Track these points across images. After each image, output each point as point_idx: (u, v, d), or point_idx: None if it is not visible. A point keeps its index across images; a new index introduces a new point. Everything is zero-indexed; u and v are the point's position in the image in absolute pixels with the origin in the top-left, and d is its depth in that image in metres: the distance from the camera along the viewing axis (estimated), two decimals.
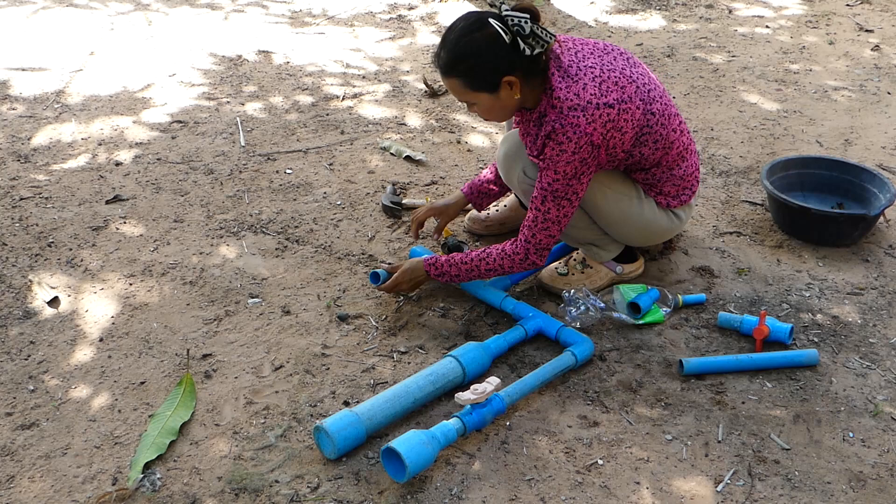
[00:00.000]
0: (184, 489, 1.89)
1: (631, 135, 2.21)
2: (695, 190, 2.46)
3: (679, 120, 2.36)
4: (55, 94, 3.93)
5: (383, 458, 1.88)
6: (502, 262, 2.30)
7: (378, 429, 2.00)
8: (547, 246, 2.28)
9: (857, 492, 1.89)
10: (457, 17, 2.21)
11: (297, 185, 3.16)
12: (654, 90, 2.26)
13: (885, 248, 2.76)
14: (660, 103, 2.26)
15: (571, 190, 2.20)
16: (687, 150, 2.39)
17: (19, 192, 3.11)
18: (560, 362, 2.16)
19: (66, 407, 2.14)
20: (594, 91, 2.14)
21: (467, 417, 1.95)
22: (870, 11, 5.04)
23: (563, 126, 2.12)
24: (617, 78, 2.18)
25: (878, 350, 2.32)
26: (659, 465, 1.96)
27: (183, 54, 4.42)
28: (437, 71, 2.21)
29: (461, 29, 2.15)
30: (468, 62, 2.13)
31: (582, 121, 2.12)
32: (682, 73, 4.17)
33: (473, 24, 2.13)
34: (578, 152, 2.14)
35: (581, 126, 2.11)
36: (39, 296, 2.54)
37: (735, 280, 2.61)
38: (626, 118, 2.17)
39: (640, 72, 2.26)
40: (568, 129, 2.12)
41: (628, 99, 2.17)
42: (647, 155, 2.29)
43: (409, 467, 1.81)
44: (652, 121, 2.23)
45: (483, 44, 2.10)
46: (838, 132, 3.57)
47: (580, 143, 2.13)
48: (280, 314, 2.46)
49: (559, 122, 2.13)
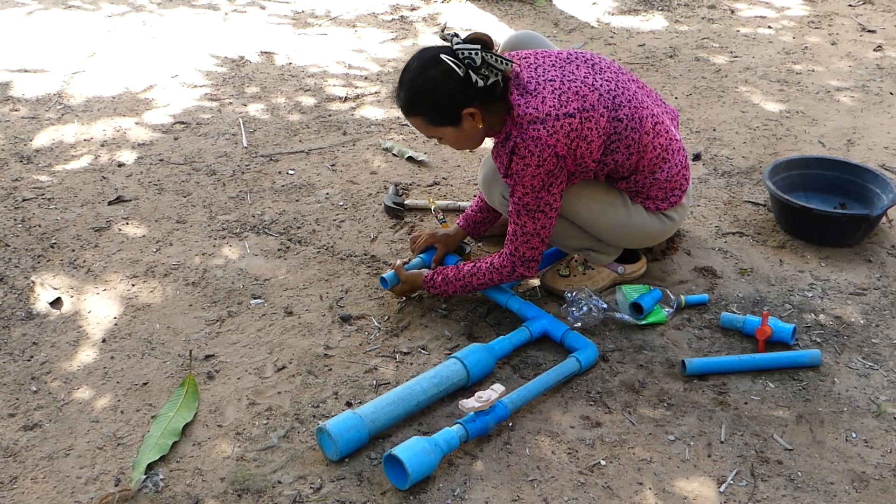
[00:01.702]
0: (186, 490, 1.89)
1: (598, 143, 2.20)
2: (684, 189, 2.43)
3: (654, 121, 2.31)
4: (57, 96, 3.93)
5: (385, 464, 1.89)
6: (492, 276, 2.34)
7: (381, 431, 2.00)
8: (532, 258, 2.30)
9: (860, 492, 1.88)
10: (412, 55, 2.24)
11: (299, 185, 3.16)
12: (621, 95, 2.24)
13: (887, 249, 2.76)
14: (627, 108, 2.24)
15: (543, 202, 2.21)
16: (668, 151, 2.35)
17: (22, 193, 3.11)
18: (564, 368, 2.16)
19: (68, 408, 2.14)
20: (553, 103, 2.14)
21: (470, 424, 1.95)
22: (872, 12, 5.03)
23: (524, 140, 2.13)
24: (578, 87, 2.18)
25: (880, 350, 2.32)
26: (662, 465, 1.96)
27: (185, 55, 4.42)
28: (399, 108, 2.24)
29: (415, 68, 2.18)
30: (426, 99, 2.17)
31: (543, 133, 2.12)
32: (685, 73, 4.17)
33: (428, 62, 2.15)
34: (543, 164, 2.14)
35: (542, 139, 2.12)
36: (42, 297, 2.54)
37: (738, 280, 2.61)
38: (589, 126, 2.17)
39: (605, 77, 2.24)
40: (529, 143, 2.13)
41: (590, 107, 2.17)
42: (622, 161, 2.27)
43: (410, 475, 1.82)
44: (619, 127, 2.22)
45: (438, 80, 2.13)
46: (841, 132, 3.57)
47: (543, 156, 2.13)
48: (282, 315, 2.46)
49: (520, 137, 2.14)
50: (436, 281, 2.40)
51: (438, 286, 2.40)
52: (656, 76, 4.13)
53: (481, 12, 5.06)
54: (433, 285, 2.41)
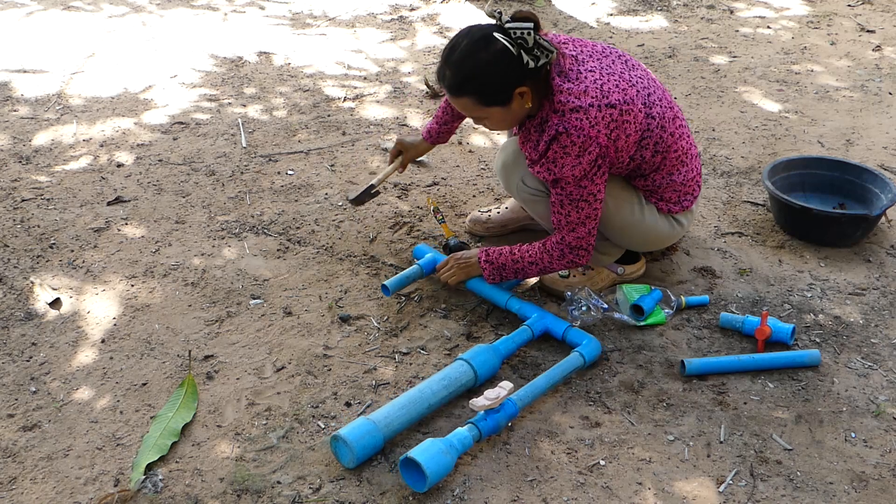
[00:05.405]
0: (186, 490, 1.89)
1: (635, 137, 2.20)
2: (696, 195, 2.45)
3: (679, 123, 2.34)
4: (56, 96, 3.93)
5: (401, 468, 1.88)
6: (542, 257, 2.33)
7: (395, 435, 1.99)
8: (579, 246, 2.29)
9: (860, 492, 1.88)
10: (458, 32, 2.18)
11: (298, 186, 3.16)
12: (654, 93, 2.26)
13: (886, 249, 2.76)
14: (659, 106, 2.25)
15: (586, 192, 2.20)
16: (687, 155, 2.37)
17: (21, 194, 3.11)
18: (569, 363, 2.16)
19: (67, 408, 2.14)
20: (595, 93, 2.13)
21: (482, 423, 1.95)
22: (871, 12, 5.04)
23: (566, 129, 2.11)
24: (617, 81, 2.17)
25: (879, 350, 2.32)
26: (661, 465, 1.96)
27: (184, 56, 4.42)
28: (444, 90, 2.19)
29: (466, 47, 2.11)
30: (479, 80, 2.11)
31: (585, 123, 2.11)
32: (684, 73, 4.17)
33: (478, 41, 2.10)
34: (584, 154, 2.13)
35: (584, 129, 2.11)
36: (41, 297, 2.54)
37: (737, 280, 2.61)
38: (628, 119, 2.16)
39: (638, 75, 2.25)
40: (572, 132, 2.11)
41: (630, 101, 2.16)
42: (648, 159, 2.28)
43: (429, 477, 1.81)
44: (652, 124, 2.23)
45: (491, 60, 2.07)
46: (840, 132, 3.57)
47: (585, 146, 2.12)
48: (282, 315, 2.46)
49: (562, 125, 2.12)
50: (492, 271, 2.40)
51: (495, 261, 2.39)
52: (656, 76, 4.12)
53: (481, 13, 5.06)
54: (490, 262, 2.39)
